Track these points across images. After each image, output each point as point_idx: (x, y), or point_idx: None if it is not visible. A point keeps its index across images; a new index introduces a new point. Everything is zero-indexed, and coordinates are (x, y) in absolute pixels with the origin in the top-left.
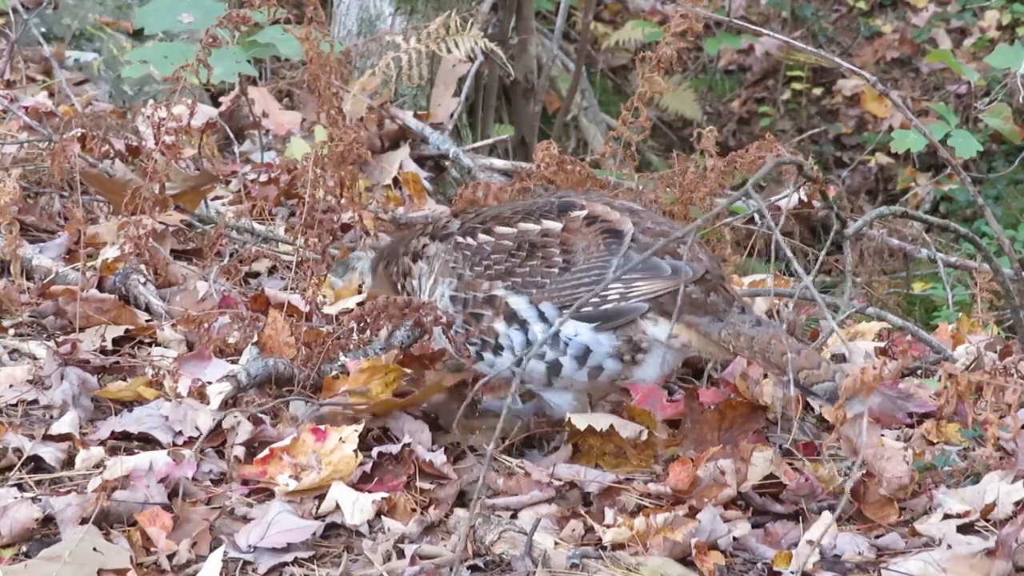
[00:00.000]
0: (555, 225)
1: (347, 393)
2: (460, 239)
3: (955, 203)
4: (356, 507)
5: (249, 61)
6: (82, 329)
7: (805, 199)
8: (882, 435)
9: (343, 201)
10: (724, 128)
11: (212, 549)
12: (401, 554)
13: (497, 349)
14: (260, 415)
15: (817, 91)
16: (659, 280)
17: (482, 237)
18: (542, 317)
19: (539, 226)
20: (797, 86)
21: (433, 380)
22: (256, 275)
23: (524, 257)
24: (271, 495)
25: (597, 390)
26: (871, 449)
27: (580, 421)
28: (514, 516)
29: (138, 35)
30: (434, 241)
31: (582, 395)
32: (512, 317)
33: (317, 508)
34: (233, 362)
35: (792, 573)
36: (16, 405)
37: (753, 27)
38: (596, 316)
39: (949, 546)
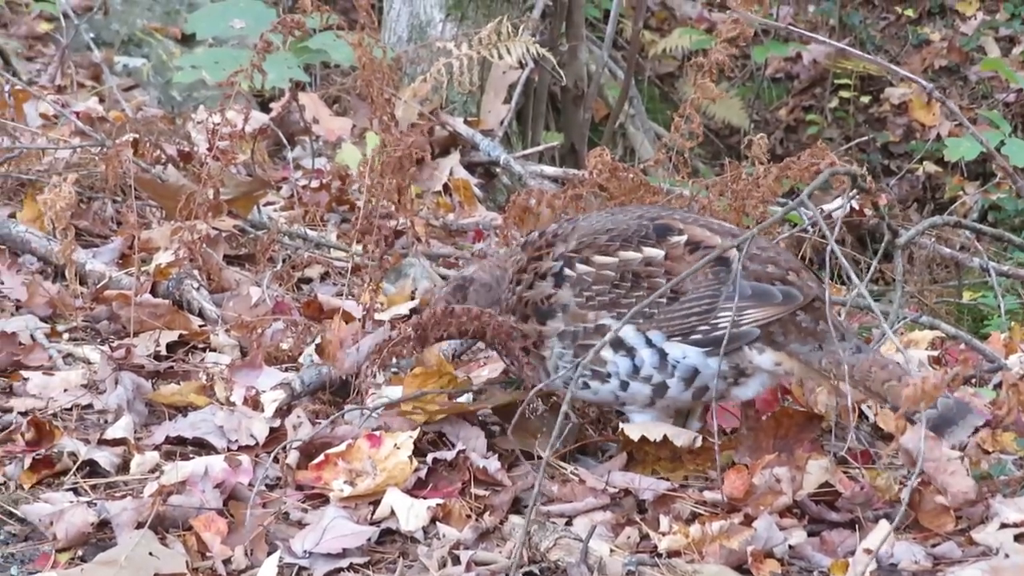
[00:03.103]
0: (656, 253)
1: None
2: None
3: (1003, 212)
4: (411, 513)
5: (300, 67)
6: (136, 334)
7: (856, 207)
8: None
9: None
10: (771, 136)
11: (268, 554)
12: (456, 560)
13: (606, 377)
14: (316, 421)
15: (865, 99)
16: (770, 307)
17: (581, 268)
18: (649, 343)
19: (640, 254)
20: (844, 94)
21: (500, 395)
22: (308, 281)
23: (629, 288)
24: (326, 501)
25: (685, 407)
26: (932, 463)
27: (633, 431)
28: (569, 523)
29: (186, 41)
30: (560, 287)
31: (665, 412)
32: (619, 344)
33: (372, 514)
34: (287, 369)
35: None
36: (71, 409)
37: (805, 33)
38: (707, 342)
39: (1007, 555)
